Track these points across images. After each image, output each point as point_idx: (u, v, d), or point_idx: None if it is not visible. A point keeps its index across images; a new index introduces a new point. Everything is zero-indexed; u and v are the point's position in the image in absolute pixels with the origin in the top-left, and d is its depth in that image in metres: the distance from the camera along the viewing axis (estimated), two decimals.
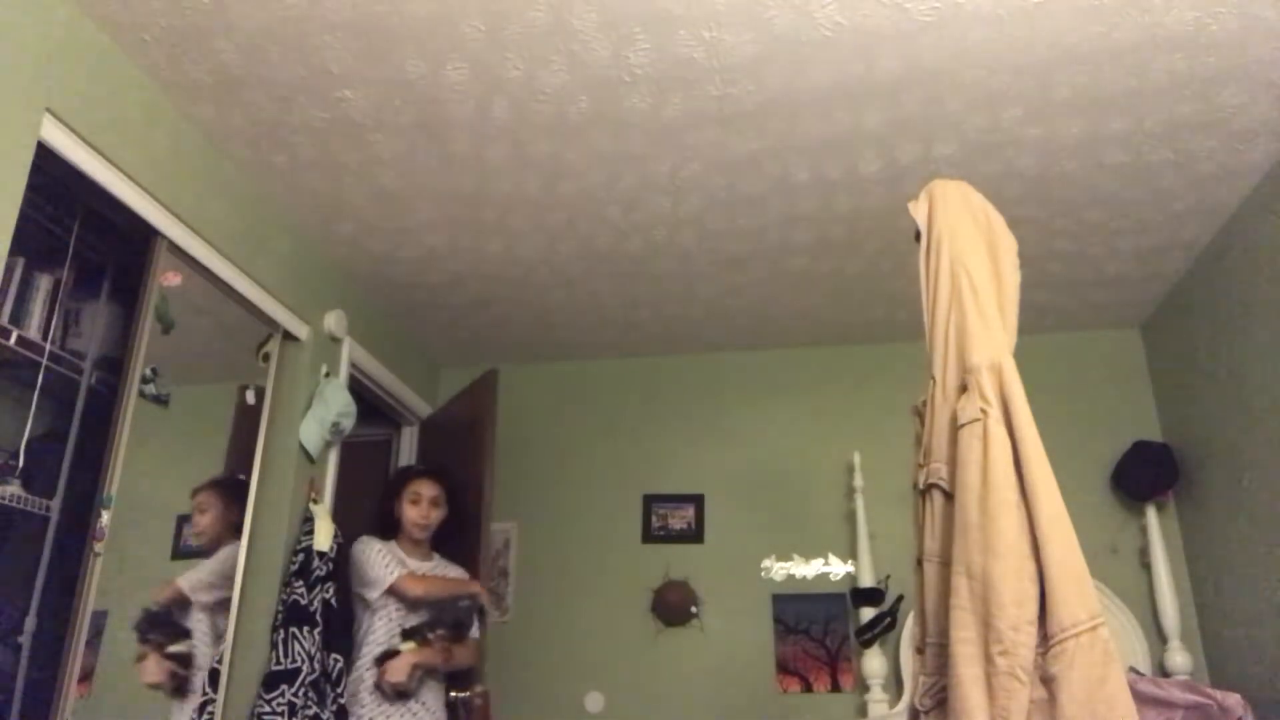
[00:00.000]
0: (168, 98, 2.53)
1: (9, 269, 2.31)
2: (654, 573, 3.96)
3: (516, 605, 4.02)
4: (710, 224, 3.20)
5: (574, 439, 4.24)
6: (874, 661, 3.52)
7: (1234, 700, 2.72)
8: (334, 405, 3.22)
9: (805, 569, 3.89)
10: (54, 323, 2.52)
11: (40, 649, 2.31)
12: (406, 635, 2.87)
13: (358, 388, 3.57)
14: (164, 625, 2.47)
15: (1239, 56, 2.38)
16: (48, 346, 2.46)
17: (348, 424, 3.30)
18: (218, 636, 2.67)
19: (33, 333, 2.45)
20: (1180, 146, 2.75)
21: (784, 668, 3.74)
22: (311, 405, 3.19)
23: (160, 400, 2.62)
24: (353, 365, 3.54)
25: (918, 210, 2.12)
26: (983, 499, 1.73)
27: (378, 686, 2.83)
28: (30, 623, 2.33)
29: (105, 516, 2.32)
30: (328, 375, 3.31)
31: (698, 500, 4.06)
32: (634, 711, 3.78)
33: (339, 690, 2.91)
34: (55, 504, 2.42)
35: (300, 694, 2.73)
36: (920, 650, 1.88)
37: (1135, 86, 2.49)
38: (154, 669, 2.27)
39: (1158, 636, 3.47)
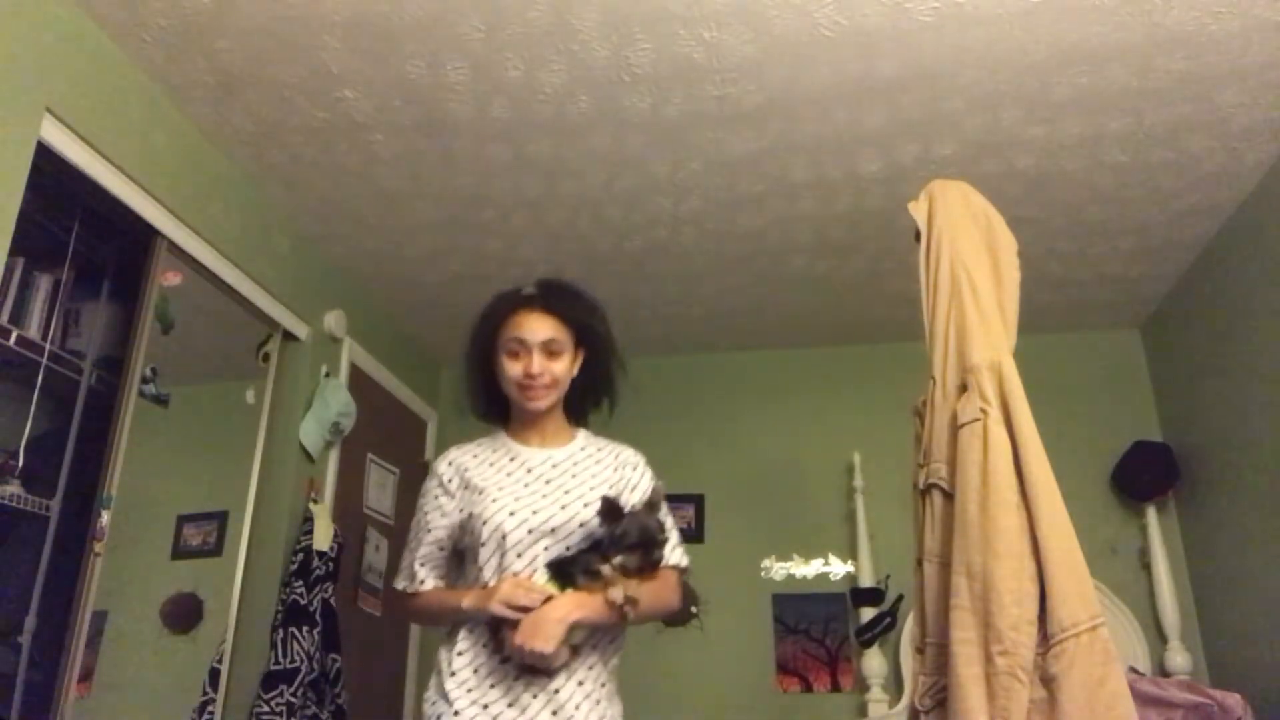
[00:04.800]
0: (168, 98, 2.53)
1: (9, 269, 2.31)
2: None
3: None
4: (710, 224, 3.20)
5: None
6: (874, 661, 3.51)
7: (1234, 700, 2.72)
8: (334, 405, 3.22)
9: (805, 569, 3.89)
10: (54, 323, 2.52)
11: (40, 649, 2.31)
12: (557, 573, 1.68)
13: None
14: None
15: (1239, 56, 2.38)
16: (48, 346, 2.46)
17: (348, 424, 3.30)
18: None
19: (33, 333, 2.45)
20: (1180, 146, 2.75)
21: (784, 668, 3.74)
22: (311, 405, 3.19)
23: (160, 400, 2.62)
24: (353, 365, 3.54)
25: (918, 210, 2.12)
26: (983, 499, 1.73)
27: (498, 660, 1.67)
28: (30, 623, 2.33)
29: (105, 516, 2.32)
30: (328, 375, 3.31)
31: (698, 500, 4.06)
32: (634, 711, 3.77)
33: (337, 690, 2.91)
34: (55, 504, 2.42)
35: (299, 694, 2.73)
36: (920, 650, 1.88)
37: (1135, 86, 2.49)
38: None
39: (1158, 636, 3.47)
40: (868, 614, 3.59)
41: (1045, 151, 2.77)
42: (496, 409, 1.94)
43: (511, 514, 1.72)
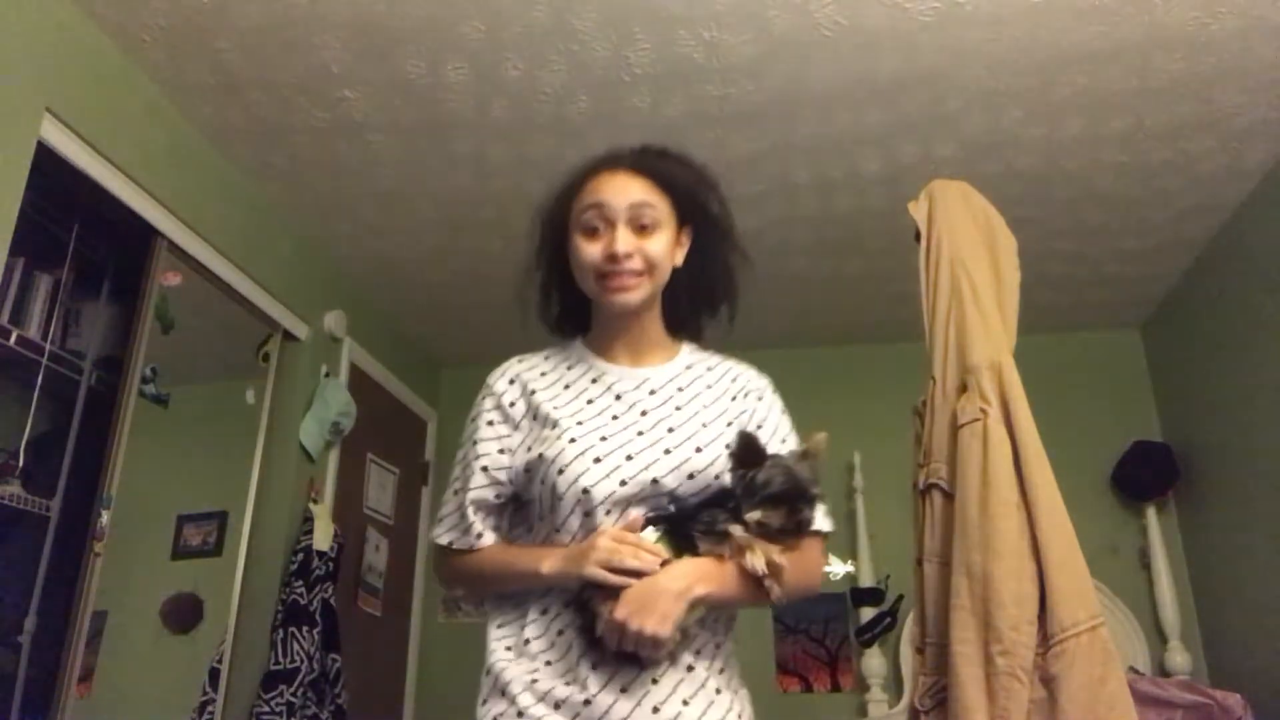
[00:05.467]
0: (168, 98, 2.53)
1: (9, 269, 2.31)
2: None
3: None
4: None
5: None
6: (874, 661, 3.52)
7: (1234, 700, 2.72)
8: (334, 405, 3.22)
9: None
10: (54, 323, 2.51)
11: (40, 649, 2.30)
12: (669, 531, 1.23)
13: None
14: None
15: (1239, 56, 2.38)
16: (48, 346, 2.46)
17: (348, 424, 3.30)
18: None
19: (33, 333, 2.45)
20: (1180, 146, 2.75)
21: (784, 668, 3.73)
22: (311, 405, 3.19)
23: (160, 400, 2.62)
24: (353, 365, 3.54)
25: (918, 211, 2.12)
26: (983, 499, 1.73)
27: (585, 640, 1.21)
28: (30, 623, 2.33)
29: (105, 516, 2.32)
30: (328, 375, 3.31)
31: None
32: None
33: (337, 690, 2.91)
34: (55, 504, 2.42)
35: (299, 694, 2.73)
36: (920, 650, 1.88)
37: (1135, 86, 2.49)
38: None
39: (1158, 636, 3.47)
40: (868, 614, 3.59)
41: (1045, 151, 2.77)
42: (573, 320, 1.46)
43: (597, 460, 1.24)
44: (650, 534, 1.21)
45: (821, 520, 1.32)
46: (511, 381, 1.38)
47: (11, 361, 2.40)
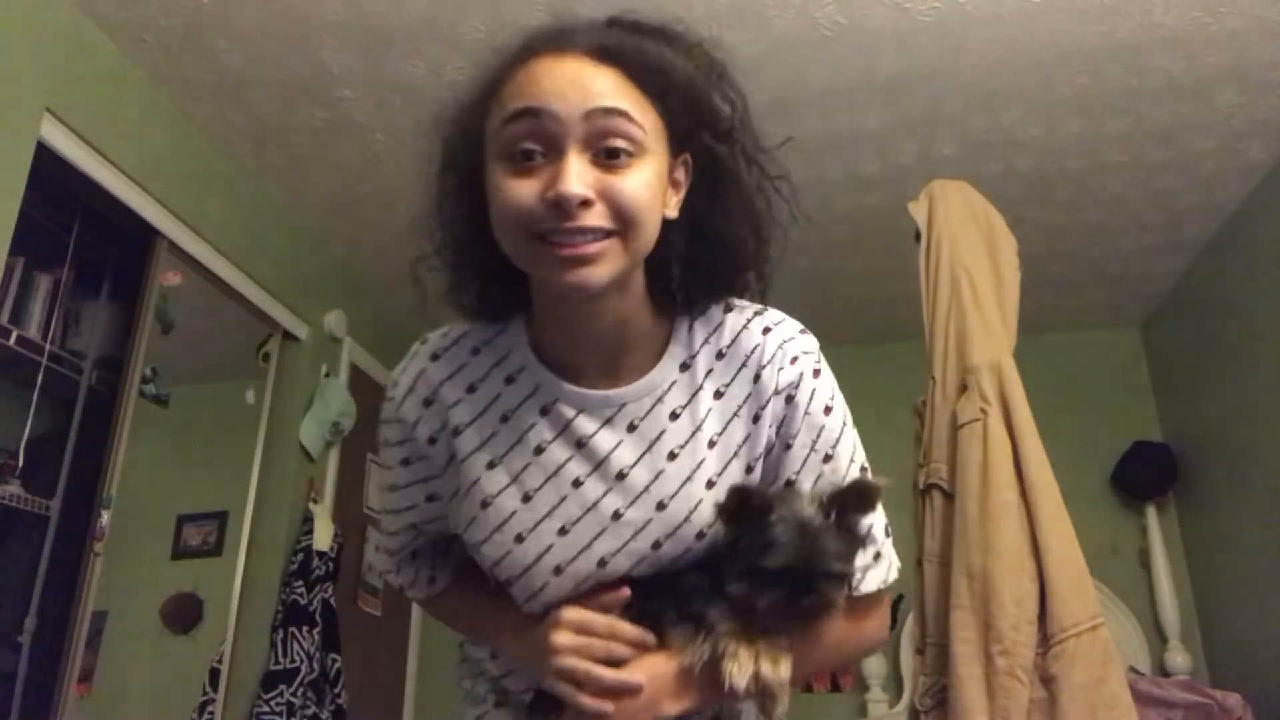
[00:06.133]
0: (168, 98, 2.53)
1: (9, 269, 2.31)
2: None
3: None
4: None
5: None
6: (874, 661, 3.51)
7: (1234, 700, 2.72)
8: (334, 405, 3.22)
9: None
10: (54, 323, 2.52)
11: (40, 649, 2.31)
12: (637, 605, 0.89)
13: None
14: None
15: (1239, 56, 2.38)
16: (48, 346, 2.46)
17: (348, 424, 3.30)
18: None
19: (33, 333, 2.45)
20: (1180, 146, 2.75)
21: None
22: (311, 405, 3.19)
23: (160, 400, 2.62)
24: (353, 365, 3.54)
25: (918, 211, 2.12)
26: (983, 499, 1.73)
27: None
28: (30, 623, 2.33)
29: (105, 516, 2.32)
30: (328, 375, 3.31)
31: None
32: None
33: (337, 690, 2.91)
34: (55, 504, 2.42)
35: (299, 694, 2.73)
36: (920, 650, 1.88)
37: (1135, 86, 2.49)
38: None
39: (1158, 636, 3.46)
40: None
41: (1045, 151, 2.77)
42: (503, 299, 0.95)
43: (557, 571, 0.87)
44: None
45: (883, 572, 0.95)
46: (427, 404, 0.92)
47: (11, 361, 2.41)
